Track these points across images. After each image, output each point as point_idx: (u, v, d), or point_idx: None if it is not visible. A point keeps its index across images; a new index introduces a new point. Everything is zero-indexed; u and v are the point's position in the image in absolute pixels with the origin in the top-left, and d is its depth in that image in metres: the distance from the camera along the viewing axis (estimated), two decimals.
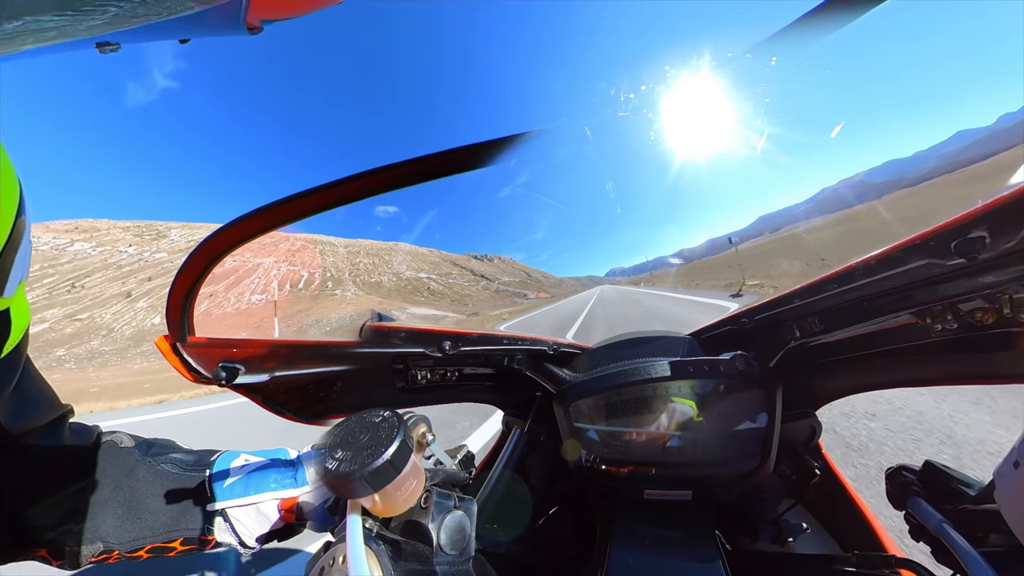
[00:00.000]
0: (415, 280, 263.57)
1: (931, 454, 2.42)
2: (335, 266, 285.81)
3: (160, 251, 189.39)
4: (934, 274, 0.51)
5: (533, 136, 0.41)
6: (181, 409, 7.36)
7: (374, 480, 0.43)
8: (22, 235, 0.41)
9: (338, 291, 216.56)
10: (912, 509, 0.67)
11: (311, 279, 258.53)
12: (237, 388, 0.65)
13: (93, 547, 0.56)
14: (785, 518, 0.87)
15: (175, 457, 0.66)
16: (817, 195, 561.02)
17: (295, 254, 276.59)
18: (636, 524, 0.88)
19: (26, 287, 0.45)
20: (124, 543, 0.58)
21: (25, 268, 0.44)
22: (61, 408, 0.58)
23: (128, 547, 0.58)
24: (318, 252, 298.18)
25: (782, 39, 0.38)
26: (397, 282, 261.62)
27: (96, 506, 0.57)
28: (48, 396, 0.57)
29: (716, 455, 0.86)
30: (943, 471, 0.67)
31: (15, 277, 0.42)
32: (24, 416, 0.51)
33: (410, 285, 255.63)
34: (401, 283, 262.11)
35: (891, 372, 0.75)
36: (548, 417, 0.96)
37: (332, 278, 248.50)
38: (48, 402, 0.56)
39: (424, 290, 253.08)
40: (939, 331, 0.58)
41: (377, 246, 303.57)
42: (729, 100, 0.49)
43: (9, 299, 0.43)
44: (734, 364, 0.79)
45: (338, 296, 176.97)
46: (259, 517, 0.62)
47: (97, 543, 0.56)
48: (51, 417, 0.56)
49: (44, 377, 0.57)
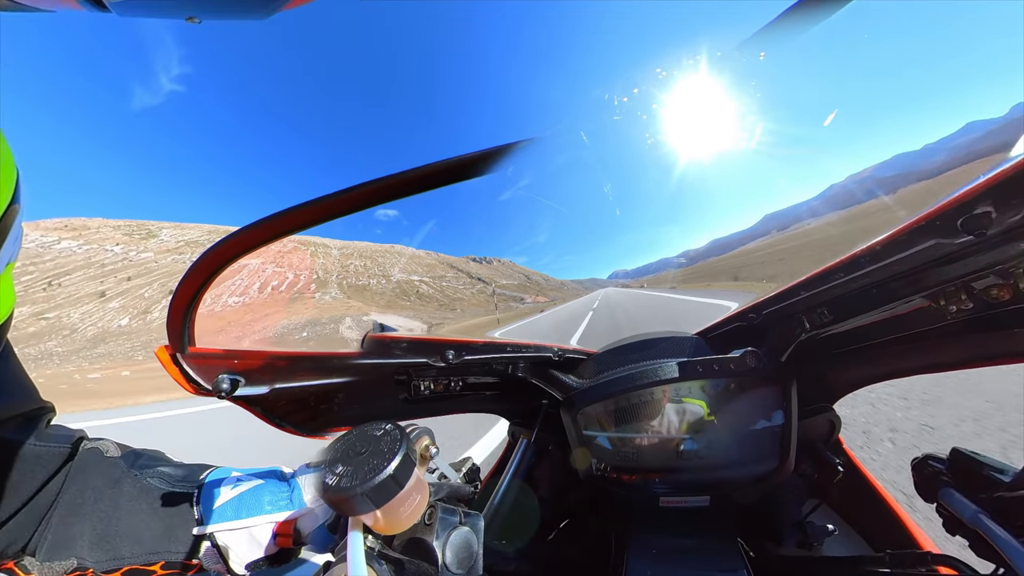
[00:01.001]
0: (405, 283, 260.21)
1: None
2: (324, 268, 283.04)
3: (147, 251, 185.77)
4: (943, 254, 0.50)
5: (529, 144, 0.41)
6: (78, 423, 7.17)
7: (376, 496, 0.41)
8: (13, 220, 0.41)
9: (318, 294, 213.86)
10: (944, 501, 0.64)
11: (295, 281, 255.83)
12: (237, 400, 0.63)
13: (66, 563, 0.52)
14: (810, 520, 0.83)
15: (163, 471, 0.61)
16: (825, 192, 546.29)
17: (284, 256, 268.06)
18: (653, 534, 0.84)
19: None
20: (100, 562, 0.53)
21: (13, 252, 0.44)
22: (39, 403, 0.56)
23: (104, 567, 0.53)
24: (309, 254, 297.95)
25: (769, 34, 0.38)
26: (386, 285, 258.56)
27: (72, 517, 0.53)
28: (26, 387, 0.54)
29: (732, 457, 0.83)
30: (973, 458, 0.64)
31: (2, 259, 0.42)
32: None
33: (399, 288, 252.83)
34: (390, 286, 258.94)
35: (908, 359, 0.72)
36: (555, 425, 0.94)
37: (318, 280, 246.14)
38: (25, 393, 0.53)
39: (413, 294, 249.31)
40: (954, 312, 0.56)
41: (373, 248, 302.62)
42: (722, 98, 0.49)
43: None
44: (744, 361, 0.77)
45: (316, 299, 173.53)
46: (251, 542, 0.57)
47: (71, 559, 0.52)
48: (26, 409, 0.53)
49: (24, 368, 0.54)
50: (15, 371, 0.53)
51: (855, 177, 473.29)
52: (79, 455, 0.58)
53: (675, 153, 0.65)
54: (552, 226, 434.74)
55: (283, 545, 0.59)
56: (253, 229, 0.46)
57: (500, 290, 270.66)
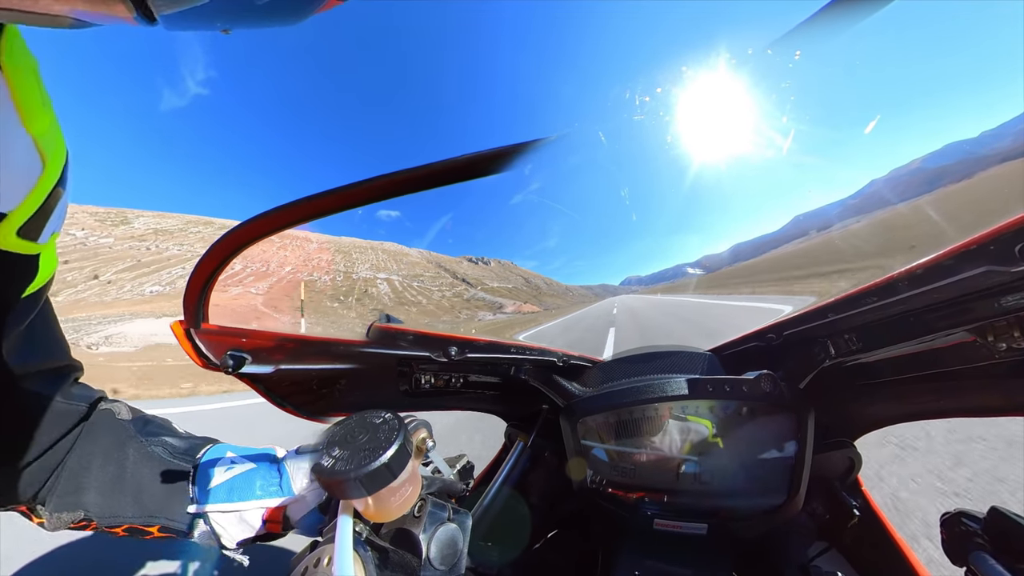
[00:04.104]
0: (366, 281, 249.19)
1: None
2: (279, 261, 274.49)
3: (108, 236, 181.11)
4: (996, 283, 0.45)
5: (547, 142, 0.40)
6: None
7: (369, 482, 0.42)
8: (61, 196, 0.47)
9: (255, 288, 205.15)
10: (975, 565, 0.57)
11: (241, 272, 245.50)
12: (242, 377, 0.65)
13: (73, 514, 0.56)
14: (816, 564, 0.78)
15: (167, 441, 0.66)
16: (864, 188, 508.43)
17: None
18: (643, 557, 0.80)
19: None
20: (103, 517, 0.58)
21: (59, 223, 0.49)
22: (69, 360, 0.59)
23: (107, 522, 0.58)
24: (276, 248, 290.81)
25: (806, 31, 0.35)
26: (331, 283, 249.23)
27: (82, 472, 0.57)
28: (59, 343, 0.58)
29: (737, 486, 0.79)
30: (1014, 520, 0.57)
31: (50, 228, 0.47)
32: (28, 356, 0.52)
33: (346, 286, 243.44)
34: (335, 284, 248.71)
35: (945, 399, 0.66)
36: (554, 432, 0.92)
37: (254, 273, 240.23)
38: (57, 348, 0.57)
39: (358, 293, 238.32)
40: (1003, 351, 0.50)
41: (348, 243, 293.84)
42: (751, 99, 0.47)
43: (43, 245, 0.48)
44: (759, 384, 0.73)
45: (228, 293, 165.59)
46: (241, 524, 0.61)
47: (78, 511, 0.56)
48: (55, 364, 0.57)
49: (60, 327, 0.59)
50: (52, 327, 0.57)
51: (902, 170, 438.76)
52: (94, 415, 0.62)
53: (697, 156, 0.62)
54: (562, 230, 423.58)
55: (272, 531, 0.62)
56: (271, 215, 0.47)
57: (482, 293, 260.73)
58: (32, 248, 0.47)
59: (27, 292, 0.48)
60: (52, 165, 0.45)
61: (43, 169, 0.44)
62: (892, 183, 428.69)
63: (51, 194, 0.46)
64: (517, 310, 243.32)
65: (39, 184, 0.44)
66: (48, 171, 0.44)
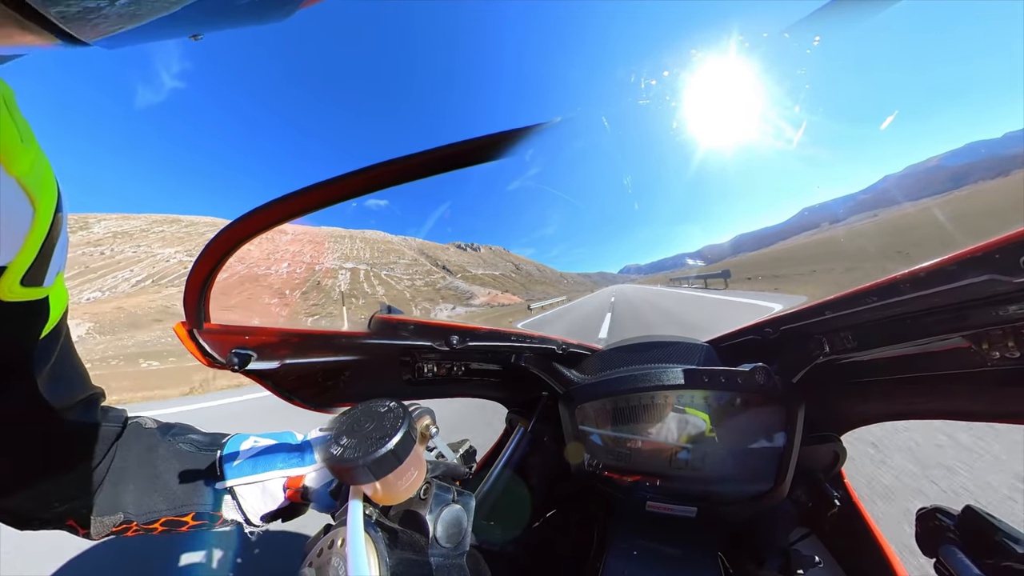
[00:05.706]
0: (328, 272, 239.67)
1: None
2: (239, 255, 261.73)
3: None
4: (996, 292, 0.45)
5: (549, 127, 0.39)
6: None
7: (376, 468, 0.44)
8: (60, 231, 0.45)
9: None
10: (944, 558, 0.60)
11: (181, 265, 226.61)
12: (249, 374, 0.67)
13: (114, 517, 0.60)
14: (796, 548, 0.81)
15: (192, 438, 0.70)
16: (877, 184, 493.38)
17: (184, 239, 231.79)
18: (635, 536, 0.84)
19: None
20: (141, 515, 0.62)
21: (62, 260, 0.48)
22: (93, 388, 0.61)
23: (145, 519, 0.62)
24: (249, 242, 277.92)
25: (827, 15, 0.33)
26: (288, 276, 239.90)
27: (119, 478, 0.61)
28: (83, 375, 0.60)
29: (726, 472, 0.82)
30: (986, 519, 0.60)
31: (54, 268, 0.46)
32: (63, 392, 0.54)
33: (301, 277, 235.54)
34: (292, 277, 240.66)
35: (933, 401, 0.68)
36: (553, 418, 0.94)
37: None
38: (82, 381, 0.59)
39: (314, 286, 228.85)
40: (996, 359, 0.51)
41: (326, 232, 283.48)
42: (763, 86, 0.45)
43: (49, 288, 0.47)
44: (753, 377, 0.74)
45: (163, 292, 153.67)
46: (265, 495, 0.65)
47: (118, 513, 0.60)
48: (86, 395, 0.59)
49: (80, 358, 0.60)
50: (75, 361, 0.58)
51: (918, 167, 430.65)
52: (125, 431, 0.65)
53: (703, 143, 0.60)
54: (562, 218, 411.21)
55: (292, 499, 0.66)
56: (266, 209, 0.46)
57: (459, 283, 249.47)
58: (39, 293, 0.45)
59: (44, 334, 0.48)
60: (44, 205, 0.41)
61: (34, 212, 0.40)
62: (906, 181, 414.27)
63: (48, 236, 0.42)
64: (489, 302, 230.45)
65: (33, 229, 0.40)
66: (40, 213, 0.40)
